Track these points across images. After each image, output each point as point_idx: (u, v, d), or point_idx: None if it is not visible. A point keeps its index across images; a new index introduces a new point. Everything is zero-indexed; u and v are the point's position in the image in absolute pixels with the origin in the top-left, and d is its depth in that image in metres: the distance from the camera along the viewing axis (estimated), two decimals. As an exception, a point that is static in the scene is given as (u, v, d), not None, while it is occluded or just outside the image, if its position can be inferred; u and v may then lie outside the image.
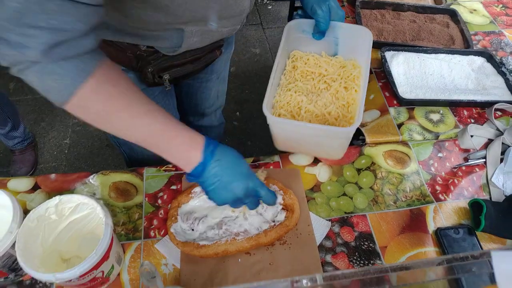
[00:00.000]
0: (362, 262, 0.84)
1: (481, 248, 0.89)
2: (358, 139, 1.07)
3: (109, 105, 0.63)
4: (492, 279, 0.39)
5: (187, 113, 1.35)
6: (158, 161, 1.13)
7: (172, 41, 0.84)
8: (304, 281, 0.46)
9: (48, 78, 0.57)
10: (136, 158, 1.17)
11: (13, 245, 0.70)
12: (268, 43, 2.74)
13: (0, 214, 0.75)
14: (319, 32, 0.92)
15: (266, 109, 0.82)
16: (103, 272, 0.73)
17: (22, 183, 0.92)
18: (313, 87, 0.95)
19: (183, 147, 0.69)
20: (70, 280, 0.68)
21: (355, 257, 0.84)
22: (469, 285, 0.65)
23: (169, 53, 0.88)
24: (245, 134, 2.20)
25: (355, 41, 0.95)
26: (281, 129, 0.87)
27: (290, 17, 2.15)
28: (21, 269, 0.77)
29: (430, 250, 0.85)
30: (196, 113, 1.35)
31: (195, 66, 0.98)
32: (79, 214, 0.78)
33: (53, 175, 0.93)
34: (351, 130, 0.79)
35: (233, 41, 1.19)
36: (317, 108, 0.90)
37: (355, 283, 0.54)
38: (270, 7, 3.04)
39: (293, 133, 0.87)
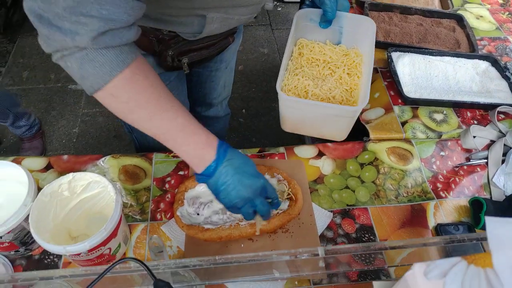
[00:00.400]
0: (362, 253, 0.86)
1: (482, 246, 0.90)
2: (362, 140, 1.09)
3: (139, 96, 0.65)
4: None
5: (195, 104, 1.38)
6: (167, 149, 1.16)
7: (193, 27, 0.88)
8: (305, 255, 0.48)
9: (89, 65, 0.60)
10: (147, 146, 1.20)
11: (26, 218, 0.72)
12: (276, 43, 2.77)
13: (16, 188, 0.78)
14: (326, 21, 0.97)
15: (279, 88, 0.87)
16: (110, 249, 0.75)
17: (35, 162, 0.95)
18: (318, 73, 1.00)
19: (199, 145, 0.71)
20: (79, 254, 0.70)
21: (355, 248, 0.86)
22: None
23: (190, 38, 0.92)
24: (250, 131, 2.23)
25: (358, 30, 1.00)
26: (291, 107, 0.92)
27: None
28: (31, 243, 0.80)
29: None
30: (203, 103, 1.38)
31: (210, 51, 1.02)
32: (90, 192, 0.80)
33: (65, 156, 0.96)
34: (358, 109, 0.85)
35: (241, 31, 1.22)
36: (323, 92, 0.94)
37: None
38: (279, 9, 3.07)
39: (302, 112, 0.92)
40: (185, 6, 0.81)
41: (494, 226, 0.34)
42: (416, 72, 1.19)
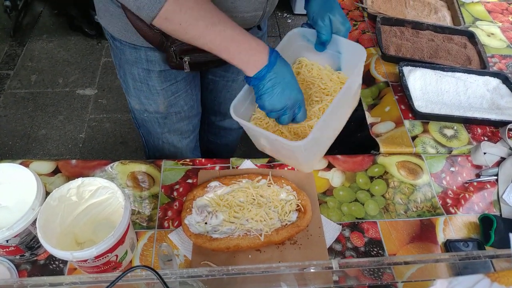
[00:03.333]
0: (372, 268, 0.84)
1: (492, 263, 0.89)
2: (370, 153, 1.08)
3: (187, 17, 0.72)
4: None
5: (210, 112, 1.37)
6: (174, 156, 1.15)
7: None
8: (318, 268, 0.47)
9: None
10: (153, 144, 1.22)
11: (34, 222, 0.72)
12: (284, 55, 2.79)
13: (24, 192, 0.77)
14: (321, 43, 0.88)
15: (232, 109, 0.80)
16: (117, 256, 0.75)
17: (43, 166, 0.95)
18: (308, 97, 0.90)
19: (251, 51, 0.76)
20: (86, 260, 0.70)
21: (363, 262, 0.85)
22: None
23: None
24: (256, 142, 2.22)
25: (354, 57, 0.87)
26: (246, 128, 0.84)
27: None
28: (37, 248, 0.79)
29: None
30: (218, 112, 1.37)
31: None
32: (98, 198, 0.80)
33: (73, 161, 0.96)
34: (297, 145, 0.74)
35: None
36: None
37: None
38: (289, 21, 3.09)
39: (256, 137, 0.86)
40: None
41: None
42: (427, 87, 1.19)
